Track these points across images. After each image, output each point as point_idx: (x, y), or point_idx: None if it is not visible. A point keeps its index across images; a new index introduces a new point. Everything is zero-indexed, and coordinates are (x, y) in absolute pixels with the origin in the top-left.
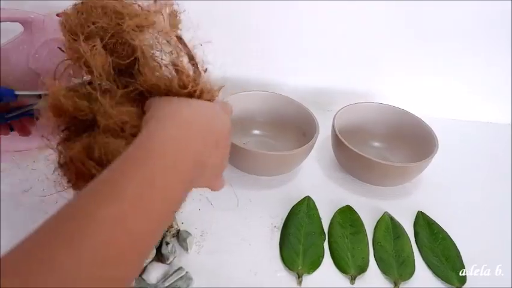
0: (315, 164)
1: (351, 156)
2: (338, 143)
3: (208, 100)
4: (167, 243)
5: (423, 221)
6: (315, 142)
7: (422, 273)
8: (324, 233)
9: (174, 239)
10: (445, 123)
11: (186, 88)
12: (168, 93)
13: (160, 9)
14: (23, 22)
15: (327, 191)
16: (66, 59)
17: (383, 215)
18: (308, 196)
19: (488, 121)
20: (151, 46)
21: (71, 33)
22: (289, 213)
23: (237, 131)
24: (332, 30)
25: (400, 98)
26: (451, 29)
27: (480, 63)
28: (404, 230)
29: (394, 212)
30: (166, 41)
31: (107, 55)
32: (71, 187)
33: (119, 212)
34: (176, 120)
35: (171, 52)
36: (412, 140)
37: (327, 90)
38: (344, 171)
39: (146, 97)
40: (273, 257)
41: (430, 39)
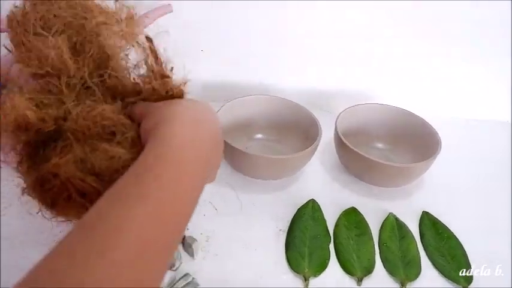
0: (319, 166)
1: (354, 157)
2: (341, 145)
3: (179, 97)
4: None
5: (428, 221)
6: (318, 145)
7: (428, 273)
8: (329, 235)
9: (179, 245)
10: (447, 122)
11: (167, 92)
12: (145, 97)
13: (120, 10)
14: None
15: (331, 193)
16: (17, 60)
17: (388, 215)
18: (312, 199)
19: (491, 119)
20: (120, 46)
21: (25, 28)
22: (294, 216)
23: (240, 136)
24: (334, 32)
25: (402, 98)
26: (452, 28)
27: (481, 62)
28: (410, 230)
29: (398, 212)
30: (136, 42)
31: (73, 52)
32: (53, 213)
33: (144, 214)
34: (185, 123)
35: (144, 54)
36: (415, 140)
37: (329, 93)
38: (348, 173)
39: (112, 95)
40: (279, 261)
41: (430, 39)
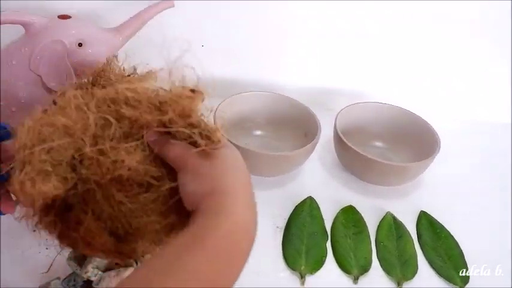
0: (317, 164)
1: (353, 156)
2: (340, 143)
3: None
4: None
5: (426, 221)
6: (317, 142)
7: (425, 272)
8: (326, 233)
9: None
10: (446, 122)
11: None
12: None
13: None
14: (24, 24)
15: (329, 191)
16: None
17: (385, 214)
18: (310, 196)
19: (490, 120)
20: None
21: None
22: (292, 214)
23: (239, 132)
24: (334, 30)
25: (402, 97)
26: (452, 28)
27: (481, 63)
28: (407, 229)
29: (396, 211)
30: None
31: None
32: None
33: None
34: (229, 221)
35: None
36: (414, 139)
37: (328, 90)
38: (346, 171)
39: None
40: (276, 257)
41: (431, 39)
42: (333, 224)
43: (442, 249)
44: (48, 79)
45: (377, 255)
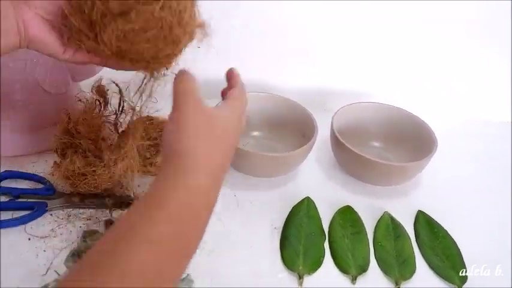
0: (315, 164)
1: (350, 156)
2: (337, 143)
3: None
4: None
5: (423, 220)
6: (314, 143)
7: (423, 272)
8: (324, 234)
9: None
10: (444, 122)
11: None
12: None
13: None
14: None
15: (327, 192)
16: None
17: (383, 214)
18: (308, 197)
19: (488, 119)
20: None
21: None
22: (289, 214)
23: None
24: (330, 30)
25: (399, 97)
26: (451, 28)
27: (480, 62)
28: (405, 229)
29: (394, 211)
30: None
31: None
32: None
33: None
34: (186, 185)
35: None
36: (411, 139)
37: (325, 91)
38: (343, 171)
39: None
40: (274, 258)
41: (429, 38)
42: (331, 224)
43: (440, 248)
44: (45, 82)
45: (375, 255)
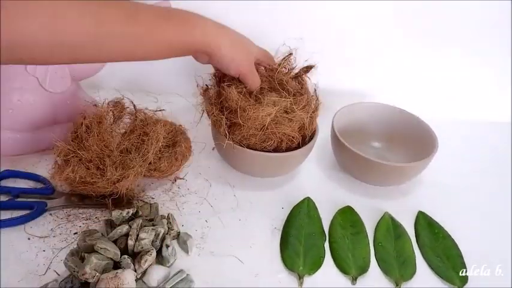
0: (315, 164)
1: (350, 156)
2: (337, 144)
3: None
4: (167, 246)
5: (424, 221)
6: (315, 143)
7: (423, 273)
8: (324, 234)
9: (174, 242)
10: (444, 122)
11: None
12: None
13: None
14: None
15: (327, 192)
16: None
17: (383, 215)
18: (308, 197)
19: (488, 120)
20: None
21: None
22: (290, 214)
23: None
24: (331, 30)
25: (400, 97)
26: (451, 28)
27: (480, 62)
28: (405, 230)
29: (394, 212)
30: None
31: None
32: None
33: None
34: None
35: None
36: (411, 139)
37: (325, 90)
38: (344, 171)
39: None
40: (274, 258)
41: (429, 39)
42: (331, 224)
43: (440, 249)
44: (45, 81)
45: (375, 256)
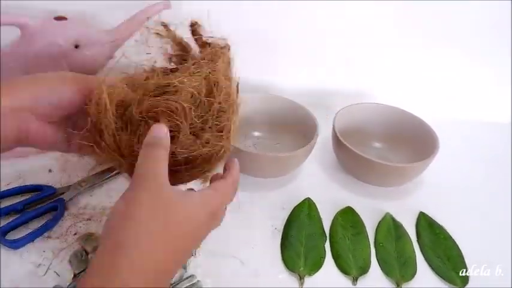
0: (316, 165)
1: (351, 157)
2: (338, 144)
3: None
4: None
5: (424, 222)
6: (315, 143)
7: (424, 273)
8: (325, 235)
9: None
10: (445, 123)
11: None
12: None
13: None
14: (20, 26)
15: (328, 192)
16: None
17: (384, 215)
18: (309, 197)
19: (489, 121)
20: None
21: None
22: (290, 215)
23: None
24: (331, 30)
25: (401, 98)
26: (451, 28)
27: (480, 62)
28: (406, 230)
29: (395, 212)
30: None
31: None
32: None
33: None
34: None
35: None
36: (412, 140)
37: (326, 91)
38: (345, 172)
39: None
40: (275, 259)
41: (429, 39)
42: (332, 225)
43: (441, 250)
44: None
45: (376, 256)
